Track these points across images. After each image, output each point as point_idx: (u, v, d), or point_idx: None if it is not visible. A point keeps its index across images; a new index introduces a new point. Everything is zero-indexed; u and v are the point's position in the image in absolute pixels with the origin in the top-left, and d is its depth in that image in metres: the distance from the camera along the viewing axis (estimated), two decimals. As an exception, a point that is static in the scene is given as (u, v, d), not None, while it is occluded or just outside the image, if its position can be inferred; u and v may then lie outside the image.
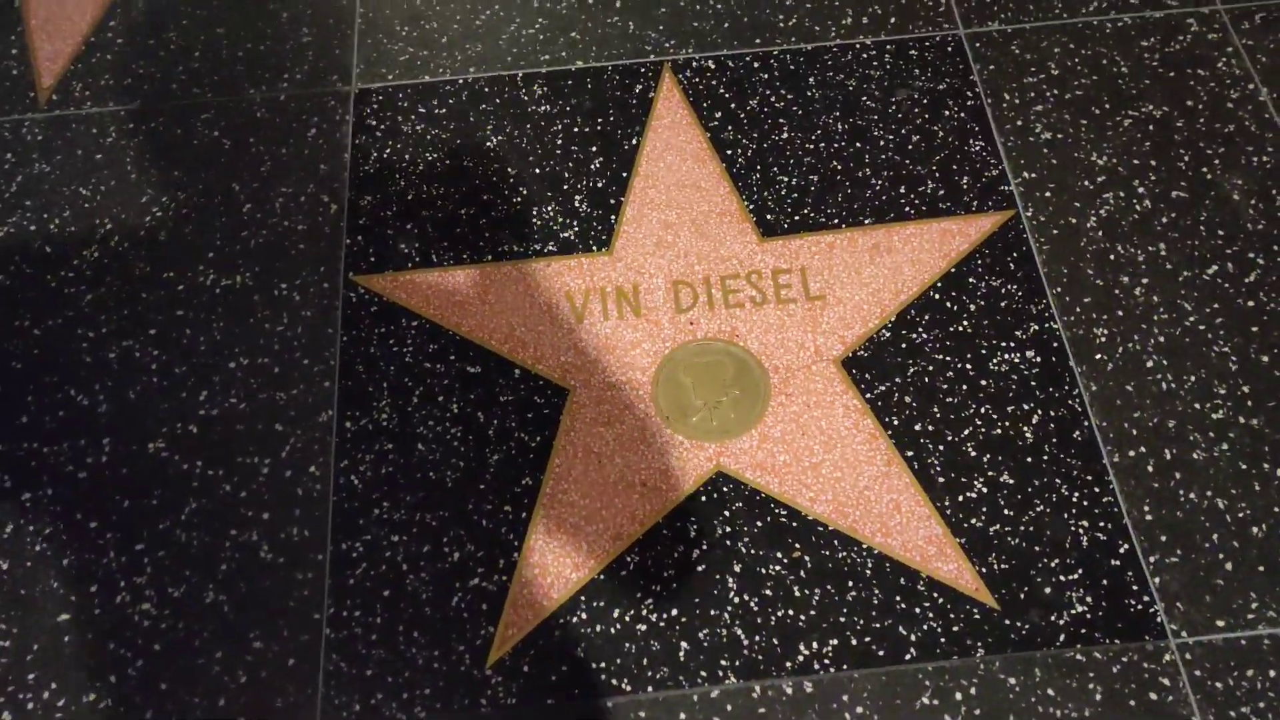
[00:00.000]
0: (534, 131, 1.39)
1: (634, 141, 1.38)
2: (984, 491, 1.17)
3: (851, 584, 1.12)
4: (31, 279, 1.31)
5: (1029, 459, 1.19)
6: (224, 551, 1.14)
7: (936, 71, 1.44)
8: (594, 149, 1.38)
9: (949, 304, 1.27)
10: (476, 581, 1.12)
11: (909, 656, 1.09)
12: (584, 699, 1.07)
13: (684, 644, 1.09)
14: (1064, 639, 1.09)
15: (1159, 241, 1.32)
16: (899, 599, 1.11)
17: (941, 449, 1.19)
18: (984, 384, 1.23)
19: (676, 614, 1.11)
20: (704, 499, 1.16)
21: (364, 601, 1.11)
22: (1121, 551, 1.13)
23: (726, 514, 1.15)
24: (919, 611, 1.11)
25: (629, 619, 1.10)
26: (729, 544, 1.14)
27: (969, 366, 1.24)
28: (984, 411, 1.21)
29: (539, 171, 1.36)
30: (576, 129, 1.39)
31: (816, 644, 1.09)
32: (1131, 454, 1.19)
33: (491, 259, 1.30)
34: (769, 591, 1.12)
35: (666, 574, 1.13)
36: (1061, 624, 1.10)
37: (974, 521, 1.15)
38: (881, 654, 1.09)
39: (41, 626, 1.11)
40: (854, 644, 1.09)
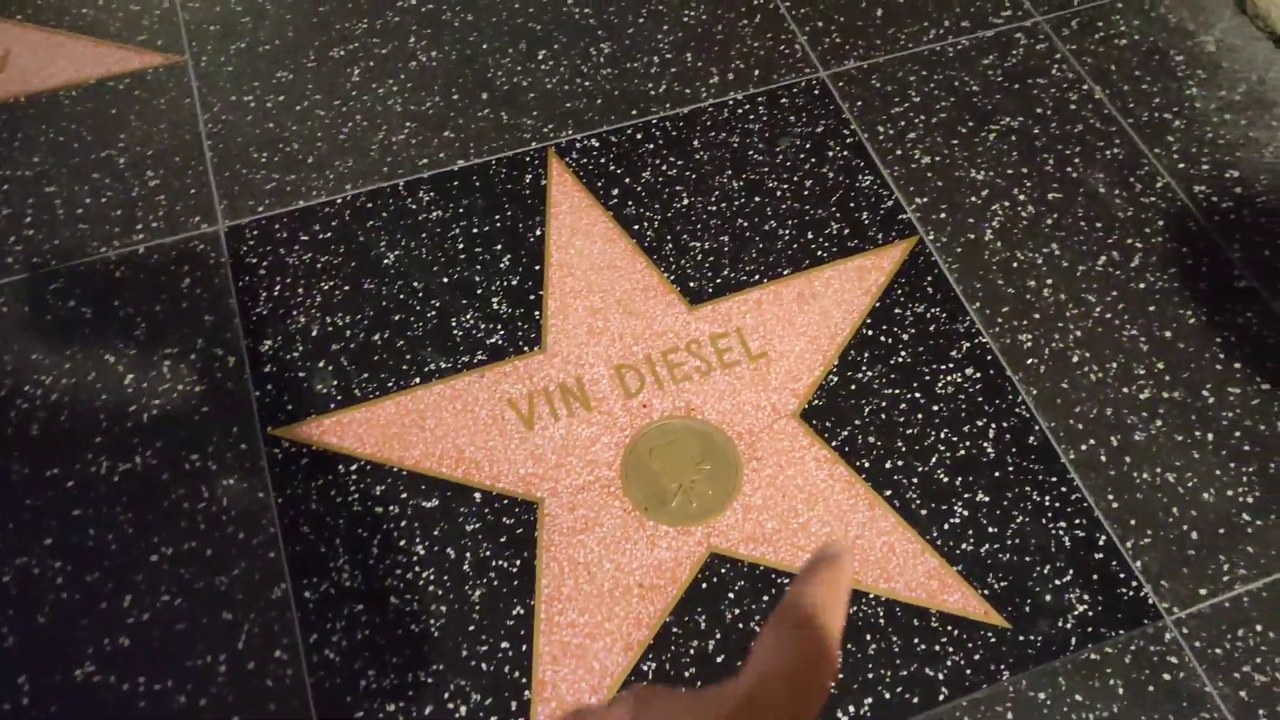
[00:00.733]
0: (431, 240, 1.35)
1: (538, 232, 1.37)
2: (965, 514, 1.21)
3: (869, 637, 1.13)
4: (-124, 509, 1.14)
5: (996, 473, 1.24)
6: (195, 771, 1.02)
7: (811, 115, 1.51)
8: (498, 247, 1.35)
9: (883, 338, 1.32)
10: (493, 732, 1.05)
11: (942, 697, 1.10)
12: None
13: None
14: (1075, 642, 1.14)
15: (1050, 243, 1.42)
16: (917, 641, 1.13)
17: (916, 481, 1.23)
18: (936, 409, 1.28)
19: (709, 713, 1.08)
20: (704, 585, 1.14)
21: (373, 787, 1.02)
22: (1101, 543, 1.20)
23: (731, 595, 1.14)
24: (939, 649, 1.13)
25: (662, 731, 1.07)
26: (742, 626, 1.12)
27: (918, 395, 1.28)
28: (944, 436, 1.26)
29: (447, 280, 1.32)
30: (475, 230, 1.36)
31: (854, 707, 1.09)
32: (1084, 448, 1.26)
33: (420, 382, 1.24)
34: (794, 666, 1.11)
35: (688, 673, 1.10)
36: (1069, 628, 1.15)
37: (965, 546, 1.19)
38: (916, 701, 1.10)
39: None
40: (888, 698, 1.10)
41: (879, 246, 1.39)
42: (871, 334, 1.32)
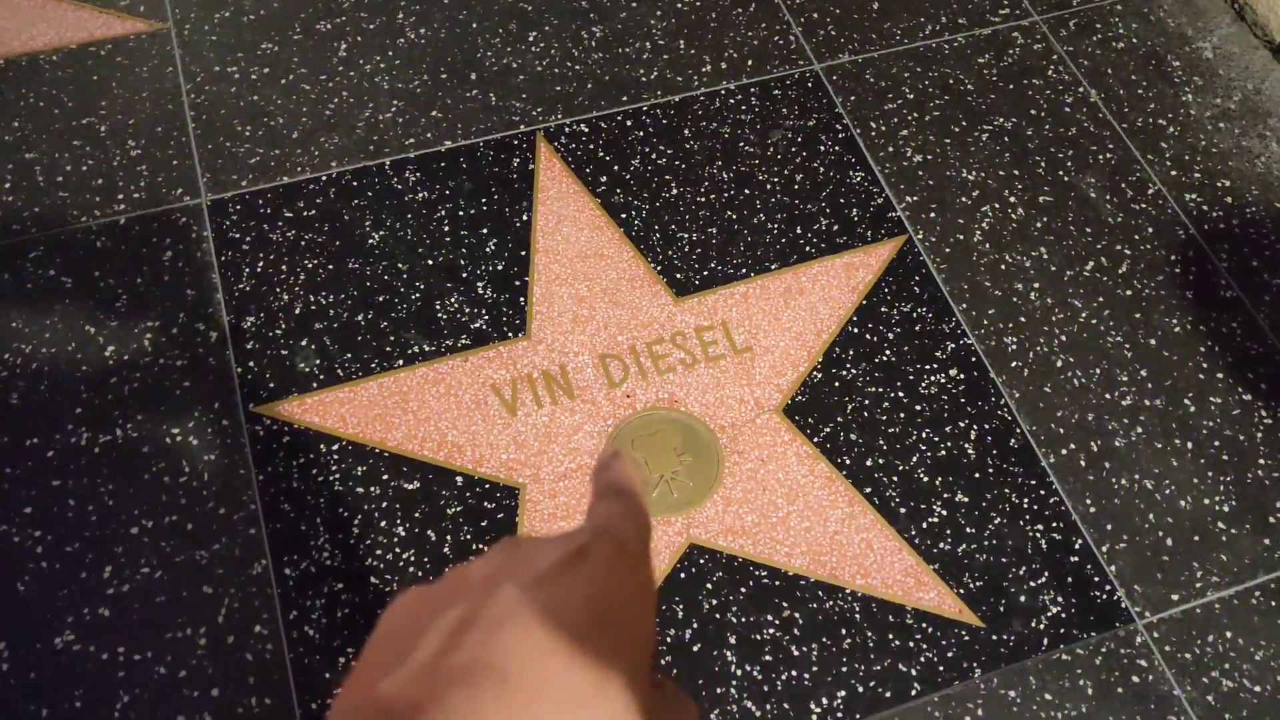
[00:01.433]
0: (417, 221, 1.39)
1: (524, 217, 1.41)
2: (944, 514, 1.27)
3: (845, 632, 1.19)
4: None
5: (976, 475, 1.29)
6: (170, 745, 1.06)
7: (804, 109, 1.55)
8: (484, 231, 1.39)
9: (869, 336, 1.37)
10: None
11: (914, 692, 1.16)
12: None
13: (699, 731, 1.12)
14: (1047, 642, 1.20)
15: (1039, 246, 1.48)
16: (892, 637, 1.19)
17: (896, 480, 1.28)
18: (919, 409, 1.33)
19: (683, 702, 1.13)
20: (683, 575, 1.19)
21: (346, 765, 1.07)
22: (1077, 547, 1.26)
23: (709, 587, 1.19)
24: (913, 645, 1.19)
25: (637, 718, 1.12)
26: (719, 617, 1.18)
27: (902, 394, 1.34)
28: (926, 435, 1.31)
29: (432, 263, 1.36)
30: (461, 212, 1.41)
31: (826, 699, 1.15)
32: (1064, 452, 1.32)
33: (403, 364, 1.28)
34: (768, 657, 1.16)
35: (664, 661, 1.15)
36: (1042, 628, 1.21)
37: (942, 545, 1.24)
38: (889, 696, 1.16)
39: None
40: (861, 691, 1.15)
41: (868, 244, 1.44)
42: (857, 332, 1.38)
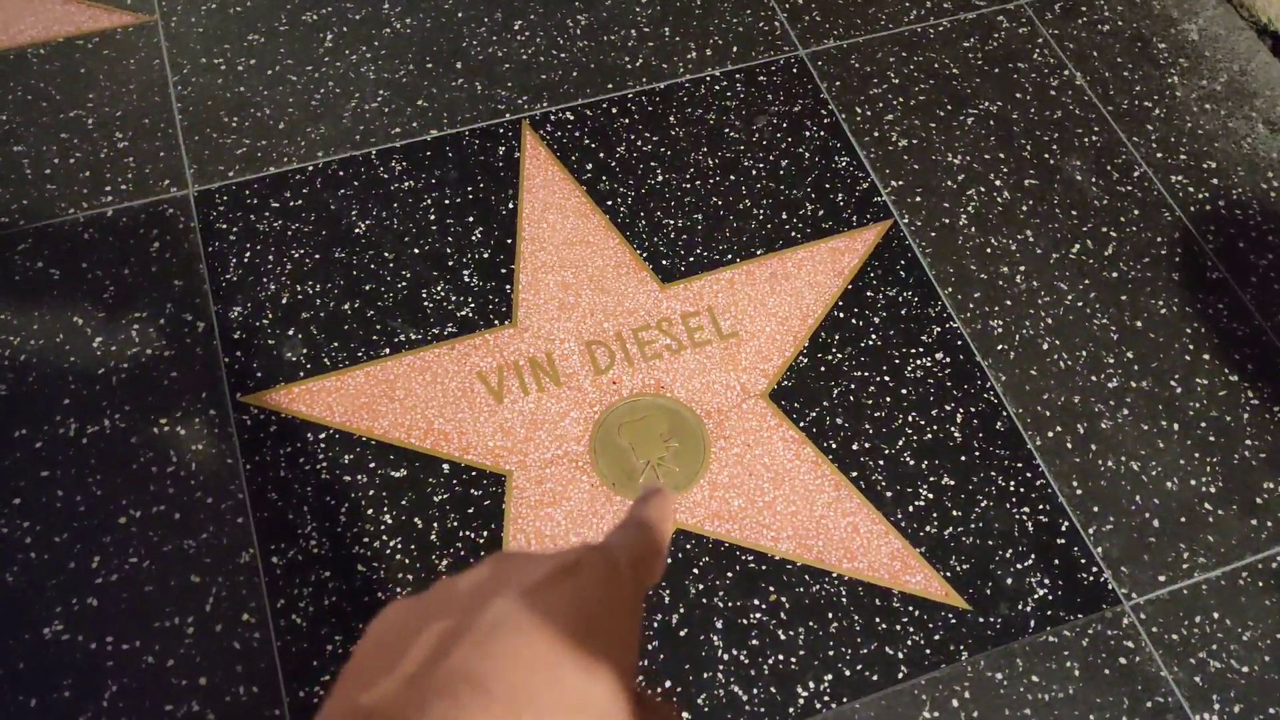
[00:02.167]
0: (403, 210, 1.43)
1: (510, 205, 1.45)
2: (930, 497, 1.30)
3: (831, 615, 1.22)
4: None
5: (963, 457, 1.33)
6: (161, 731, 1.10)
7: (789, 94, 1.59)
8: (470, 219, 1.43)
9: (854, 320, 1.41)
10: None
11: (901, 675, 1.20)
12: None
13: (686, 715, 1.15)
14: (1034, 625, 1.24)
15: (1024, 229, 1.51)
16: (879, 620, 1.23)
17: (882, 463, 1.32)
18: (905, 393, 1.37)
19: (671, 685, 1.17)
20: (670, 560, 1.23)
21: (336, 749, 1.10)
22: (1064, 529, 1.30)
23: (696, 571, 1.23)
24: (899, 628, 1.22)
25: (624, 701, 1.15)
26: (706, 601, 1.21)
27: (887, 378, 1.38)
28: (912, 419, 1.35)
29: (418, 251, 1.40)
30: (447, 201, 1.44)
31: (813, 683, 1.18)
32: (1050, 434, 1.36)
33: (390, 352, 1.32)
34: (755, 641, 1.20)
35: (651, 646, 1.19)
36: (1029, 611, 1.24)
37: (928, 529, 1.28)
38: (876, 679, 1.19)
39: None
40: (848, 675, 1.19)
41: (853, 229, 1.48)
42: (843, 317, 1.41)
